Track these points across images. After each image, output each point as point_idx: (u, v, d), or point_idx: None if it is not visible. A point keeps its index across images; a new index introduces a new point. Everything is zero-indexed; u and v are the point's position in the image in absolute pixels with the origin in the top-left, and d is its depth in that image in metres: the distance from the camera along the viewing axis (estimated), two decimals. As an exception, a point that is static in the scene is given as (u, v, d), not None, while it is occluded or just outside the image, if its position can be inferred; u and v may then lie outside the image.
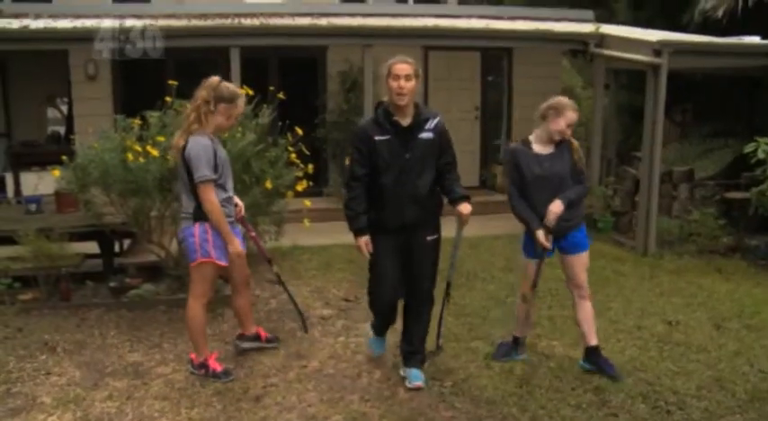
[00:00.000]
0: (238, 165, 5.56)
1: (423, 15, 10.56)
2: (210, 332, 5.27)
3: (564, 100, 4.45)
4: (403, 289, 4.29)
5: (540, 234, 4.41)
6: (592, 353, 4.54)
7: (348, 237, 4.29)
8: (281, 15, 9.92)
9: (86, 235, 6.35)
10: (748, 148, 7.39)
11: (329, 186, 10.10)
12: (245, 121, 5.93)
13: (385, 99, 4.13)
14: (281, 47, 9.32)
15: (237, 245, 4.36)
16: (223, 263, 4.37)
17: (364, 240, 4.11)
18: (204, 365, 4.47)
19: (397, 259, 4.19)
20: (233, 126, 4.64)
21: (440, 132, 4.13)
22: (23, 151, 10.34)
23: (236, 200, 4.64)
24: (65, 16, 9.47)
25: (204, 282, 4.42)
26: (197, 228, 4.27)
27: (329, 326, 5.45)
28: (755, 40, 8.52)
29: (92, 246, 6.63)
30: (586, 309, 4.62)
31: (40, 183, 6.88)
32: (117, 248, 6.83)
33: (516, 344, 4.76)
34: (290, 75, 10.21)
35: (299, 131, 6.32)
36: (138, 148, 5.29)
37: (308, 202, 6.47)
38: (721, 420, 3.96)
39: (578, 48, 9.92)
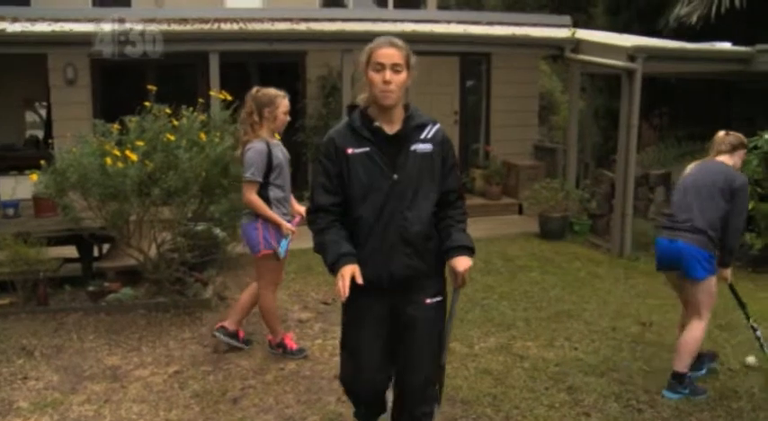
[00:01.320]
0: (217, 169, 5.61)
1: (402, 20, 10.65)
2: (189, 334, 5.31)
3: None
4: (391, 374, 3.16)
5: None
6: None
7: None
8: (260, 20, 9.97)
9: (65, 239, 6.35)
10: (720, 152, 7.51)
11: (308, 190, 10.13)
12: (224, 126, 5.97)
13: (360, 99, 3.02)
14: (260, 51, 9.36)
15: (288, 225, 4.63)
16: (283, 255, 4.66)
17: (350, 269, 2.79)
18: (282, 344, 4.88)
19: (380, 331, 3.01)
20: (285, 122, 4.79)
21: (441, 144, 2.99)
22: (1, 155, 10.29)
23: (297, 206, 4.90)
24: (43, 20, 9.44)
25: (270, 272, 4.75)
26: (259, 223, 4.60)
27: (307, 329, 5.49)
28: (726, 45, 8.69)
29: (70, 251, 6.63)
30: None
31: (18, 187, 6.84)
32: (96, 253, 6.83)
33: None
34: (269, 79, 10.07)
35: (278, 137, 6.34)
36: (117, 153, 5.30)
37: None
38: (690, 417, 4.03)
39: (555, 53, 10.05)
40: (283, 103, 4.67)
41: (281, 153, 4.68)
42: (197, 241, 6.20)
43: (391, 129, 2.94)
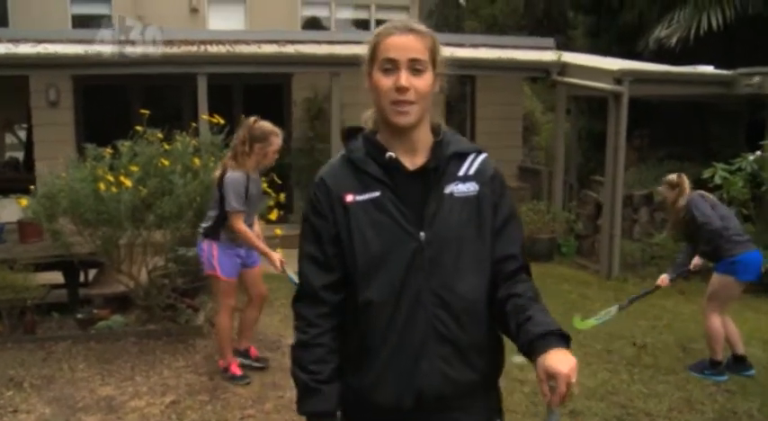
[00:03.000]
0: (210, 194, 5.54)
1: (386, 42, 10.66)
2: (183, 362, 5.22)
3: None
4: None
5: None
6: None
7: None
8: (246, 42, 9.96)
9: (51, 265, 6.23)
10: (707, 173, 7.62)
11: (294, 213, 10.10)
12: (216, 151, 5.92)
13: (366, 118, 1.94)
14: (246, 73, 9.34)
15: (276, 258, 4.61)
16: (226, 277, 4.64)
17: None
18: (227, 369, 4.85)
19: None
20: (273, 160, 4.75)
21: (491, 183, 1.88)
22: (-21, 178, 10.15)
23: (256, 226, 4.89)
24: (26, 41, 9.36)
25: (222, 295, 4.74)
26: (205, 244, 4.66)
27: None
28: (709, 69, 8.86)
29: (54, 277, 6.50)
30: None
31: (1, 211, 6.73)
32: (81, 278, 6.71)
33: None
34: (254, 101, 10.21)
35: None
36: (111, 178, 5.23)
37: (279, 230, 6.46)
38: (694, 442, 4.06)
39: (541, 75, 10.16)
40: (276, 141, 4.65)
41: (255, 190, 4.68)
42: (188, 266, 6.13)
43: (413, 162, 1.85)
